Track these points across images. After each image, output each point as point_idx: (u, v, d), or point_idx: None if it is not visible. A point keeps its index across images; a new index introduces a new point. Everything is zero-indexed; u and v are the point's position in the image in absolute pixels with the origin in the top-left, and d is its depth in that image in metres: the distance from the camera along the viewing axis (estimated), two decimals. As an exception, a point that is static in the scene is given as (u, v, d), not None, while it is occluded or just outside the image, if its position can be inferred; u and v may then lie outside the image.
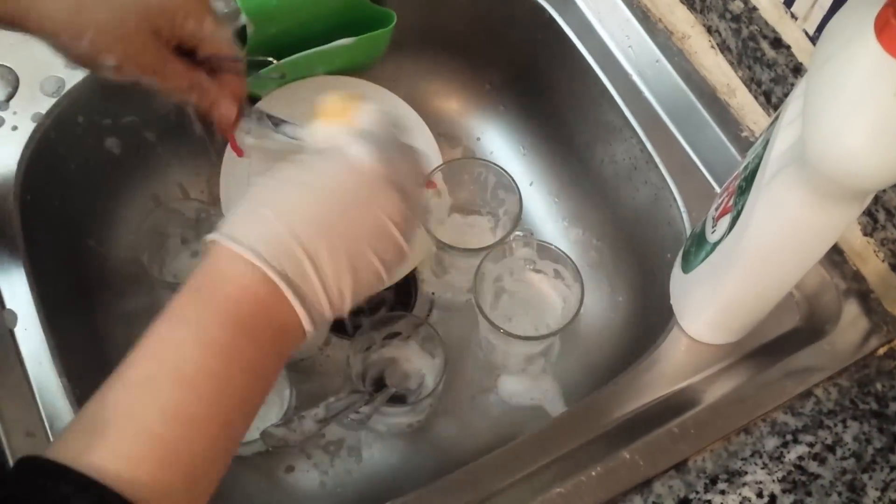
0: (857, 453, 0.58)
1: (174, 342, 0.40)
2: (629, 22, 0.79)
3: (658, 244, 0.74)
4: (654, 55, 0.77)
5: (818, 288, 0.66)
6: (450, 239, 0.74)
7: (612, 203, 0.82)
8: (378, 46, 0.80)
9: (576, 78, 0.81)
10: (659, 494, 0.57)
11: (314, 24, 0.77)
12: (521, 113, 0.91)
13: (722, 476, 0.58)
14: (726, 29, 0.71)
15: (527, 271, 0.75)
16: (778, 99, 0.69)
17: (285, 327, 0.43)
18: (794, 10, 0.63)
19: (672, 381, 0.63)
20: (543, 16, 0.81)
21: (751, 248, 0.53)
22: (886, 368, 0.63)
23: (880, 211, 0.62)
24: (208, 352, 0.39)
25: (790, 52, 0.65)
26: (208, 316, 0.40)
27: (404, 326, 0.75)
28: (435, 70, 0.92)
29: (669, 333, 0.65)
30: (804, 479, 0.57)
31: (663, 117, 0.74)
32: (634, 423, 0.61)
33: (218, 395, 0.39)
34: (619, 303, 0.80)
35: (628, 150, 0.76)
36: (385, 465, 0.75)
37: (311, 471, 0.74)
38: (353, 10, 0.79)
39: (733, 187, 0.56)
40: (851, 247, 0.67)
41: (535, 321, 0.78)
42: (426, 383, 0.75)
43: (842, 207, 0.47)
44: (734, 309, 0.60)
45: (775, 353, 0.63)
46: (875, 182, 0.43)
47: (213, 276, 0.42)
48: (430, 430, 0.76)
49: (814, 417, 0.60)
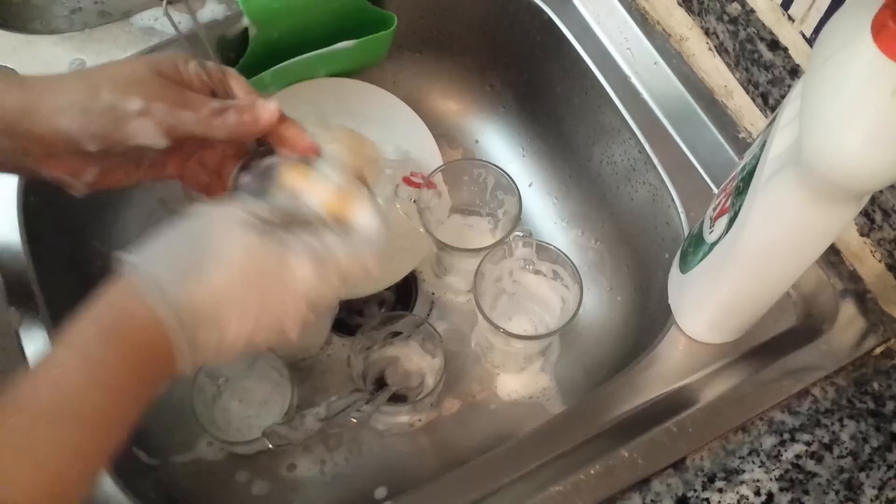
0: (854, 452, 0.59)
1: (78, 382, 0.40)
2: (627, 24, 0.80)
3: (656, 244, 0.74)
4: (652, 57, 0.78)
5: (815, 288, 0.66)
6: (450, 239, 0.75)
7: (611, 204, 0.82)
8: (379, 49, 0.81)
9: (574, 80, 0.81)
10: (657, 493, 0.57)
11: (316, 26, 0.77)
12: (520, 114, 0.91)
13: (720, 474, 0.58)
14: (724, 31, 0.72)
15: (526, 272, 0.75)
16: (775, 101, 0.69)
17: (171, 371, 0.44)
18: (792, 13, 0.63)
19: (670, 380, 0.63)
20: (542, 17, 0.81)
21: (748, 248, 0.53)
22: (883, 368, 0.63)
23: (877, 211, 0.63)
24: (108, 396, 0.41)
25: (787, 54, 0.65)
26: (112, 362, 0.41)
27: (405, 326, 0.75)
28: (435, 71, 0.92)
29: (667, 333, 0.65)
30: (801, 478, 0.58)
31: (661, 119, 0.75)
32: (633, 422, 0.61)
33: (108, 433, 0.41)
34: (618, 302, 0.81)
35: (627, 151, 0.76)
36: (385, 464, 0.75)
37: (312, 469, 0.74)
38: (354, 12, 0.79)
39: (731, 188, 0.56)
40: (848, 247, 0.67)
41: (534, 321, 0.78)
42: (426, 382, 0.75)
43: (839, 208, 0.47)
44: (732, 308, 0.60)
45: (773, 352, 0.64)
46: (872, 183, 0.43)
47: (121, 317, 0.42)
48: (429, 428, 0.77)
49: (811, 416, 0.60)
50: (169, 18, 0.62)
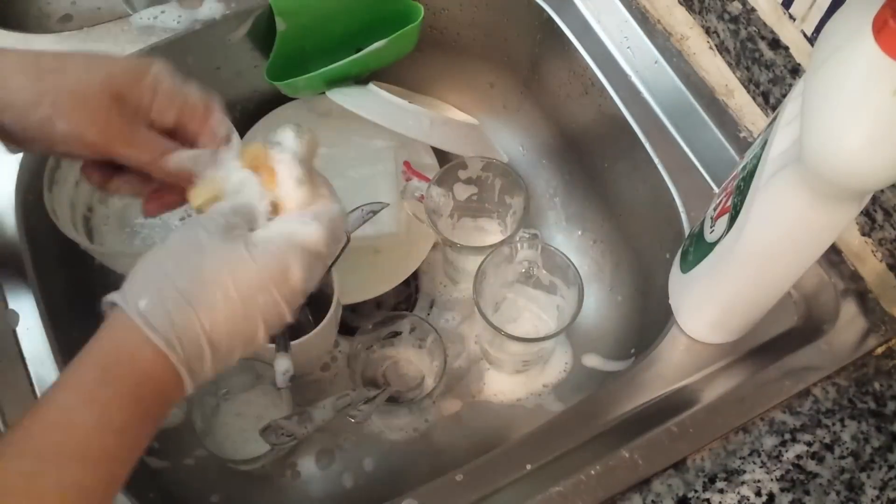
0: (856, 452, 0.59)
1: (82, 425, 0.40)
2: (628, 23, 0.79)
3: (657, 244, 0.74)
4: (652, 56, 0.78)
5: (816, 287, 0.66)
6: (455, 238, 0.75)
7: (612, 203, 0.82)
8: (408, 43, 0.81)
9: (575, 78, 0.81)
10: (658, 493, 0.57)
11: (344, 16, 0.80)
12: (520, 113, 0.91)
13: (720, 475, 0.58)
14: (725, 30, 0.72)
15: (528, 273, 0.75)
16: (776, 100, 0.69)
17: (172, 400, 0.44)
18: (793, 11, 0.63)
19: (671, 381, 0.63)
20: (542, 16, 0.81)
21: (749, 247, 0.53)
22: (884, 368, 0.63)
23: (878, 211, 0.63)
24: (112, 437, 0.41)
25: (788, 52, 0.65)
26: (115, 401, 0.41)
27: (405, 326, 0.75)
28: (436, 70, 0.92)
29: (668, 333, 0.65)
30: (802, 478, 0.57)
31: (662, 118, 0.74)
32: (633, 422, 0.61)
33: (111, 474, 0.41)
34: (618, 302, 0.80)
35: (627, 150, 0.76)
36: (384, 465, 0.75)
37: (312, 469, 0.74)
38: (382, 2, 0.80)
39: (731, 187, 0.56)
40: (849, 247, 0.67)
41: (534, 322, 0.78)
42: (426, 383, 0.75)
43: (840, 208, 0.47)
44: (732, 308, 0.60)
45: (773, 352, 0.64)
46: (873, 182, 0.43)
47: (120, 356, 0.42)
48: (429, 429, 0.77)
49: (812, 416, 0.60)
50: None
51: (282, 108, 0.85)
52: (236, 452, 0.69)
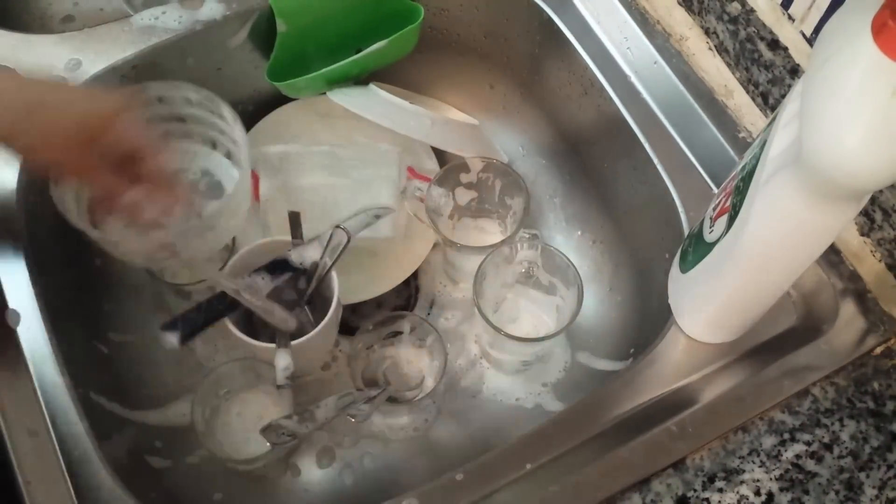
0: (855, 452, 0.59)
1: None
2: (627, 23, 0.79)
3: (656, 244, 0.74)
4: (652, 56, 0.78)
5: (815, 287, 0.66)
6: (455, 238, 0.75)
7: (611, 203, 0.82)
8: (408, 43, 0.81)
9: (574, 79, 0.81)
10: (657, 493, 0.57)
11: (344, 17, 0.80)
12: (520, 114, 0.91)
13: (720, 474, 0.58)
14: (724, 31, 0.72)
15: (528, 273, 0.75)
16: (775, 100, 0.69)
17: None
18: (792, 12, 0.63)
19: (670, 380, 0.63)
20: (542, 17, 0.82)
21: (748, 248, 0.53)
22: (883, 367, 0.63)
23: (877, 211, 0.63)
24: None
25: (787, 53, 0.65)
26: None
27: (404, 326, 0.75)
28: (436, 71, 0.92)
29: (668, 333, 0.65)
30: (802, 478, 0.58)
31: (661, 118, 0.75)
32: (633, 422, 0.61)
33: None
34: (618, 302, 0.81)
35: (627, 150, 0.76)
36: (384, 465, 0.75)
37: (311, 472, 0.74)
38: (382, 3, 0.81)
39: (731, 188, 0.56)
40: (848, 247, 0.67)
41: (534, 322, 0.78)
42: (426, 383, 0.75)
43: (839, 208, 0.47)
44: (732, 308, 0.60)
45: (773, 352, 0.64)
46: (872, 183, 0.43)
47: None
48: (429, 429, 0.77)
49: (811, 416, 0.60)
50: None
51: (283, 109, 0.85)
52: (237, 452, 0.69)
